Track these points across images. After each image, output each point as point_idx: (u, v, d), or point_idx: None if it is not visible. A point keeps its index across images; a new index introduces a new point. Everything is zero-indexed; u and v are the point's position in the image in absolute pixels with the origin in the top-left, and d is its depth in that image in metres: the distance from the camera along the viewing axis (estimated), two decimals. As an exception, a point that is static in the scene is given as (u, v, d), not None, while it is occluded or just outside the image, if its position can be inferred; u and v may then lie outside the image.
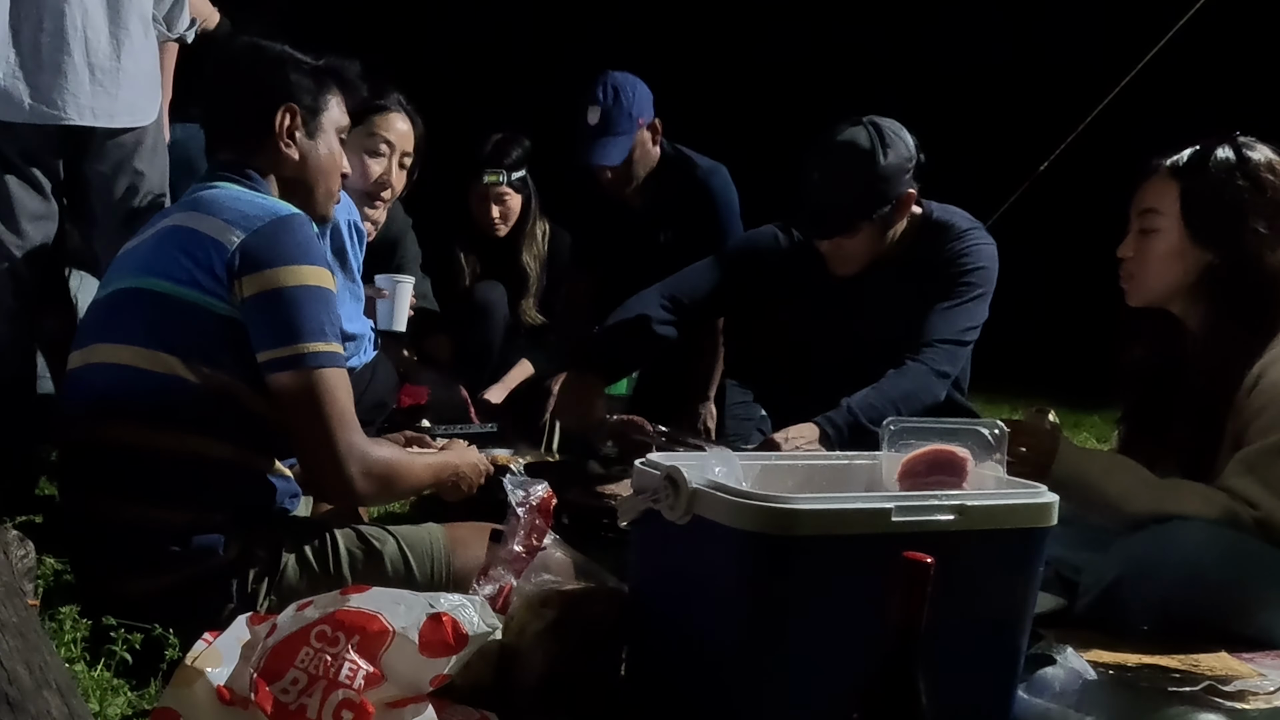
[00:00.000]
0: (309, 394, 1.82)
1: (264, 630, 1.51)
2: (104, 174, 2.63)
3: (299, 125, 2.04)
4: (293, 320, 1.83)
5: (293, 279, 1.83)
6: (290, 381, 1.82)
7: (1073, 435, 3.67)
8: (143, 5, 2.65)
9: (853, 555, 1.49)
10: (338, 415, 1.84)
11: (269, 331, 1.83)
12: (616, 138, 3.46)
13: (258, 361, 1.84)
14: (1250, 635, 1.93)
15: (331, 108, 2.09)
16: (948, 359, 2.75)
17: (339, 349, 1.87)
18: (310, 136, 2.05)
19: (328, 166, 2.09)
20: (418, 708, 1.46)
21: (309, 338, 1.83)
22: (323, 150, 2.07)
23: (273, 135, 2.02)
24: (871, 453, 1.88)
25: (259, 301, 1.82)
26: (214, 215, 1.88)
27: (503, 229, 3.98)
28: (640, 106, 3.49)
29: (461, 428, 3.61)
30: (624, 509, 1.68)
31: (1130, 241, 2.22)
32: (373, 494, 1.93)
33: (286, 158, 2.03)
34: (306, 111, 2.04)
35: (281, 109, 2.02)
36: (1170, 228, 2.15)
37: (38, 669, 1.19)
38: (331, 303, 1.89)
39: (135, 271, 1.91)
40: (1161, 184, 2.18)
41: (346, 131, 2.15)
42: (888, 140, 2.77)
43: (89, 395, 1.90)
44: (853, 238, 2.83)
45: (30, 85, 2.48)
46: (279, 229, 1.86)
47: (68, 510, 1.97)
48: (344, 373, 1.87)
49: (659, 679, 1.67)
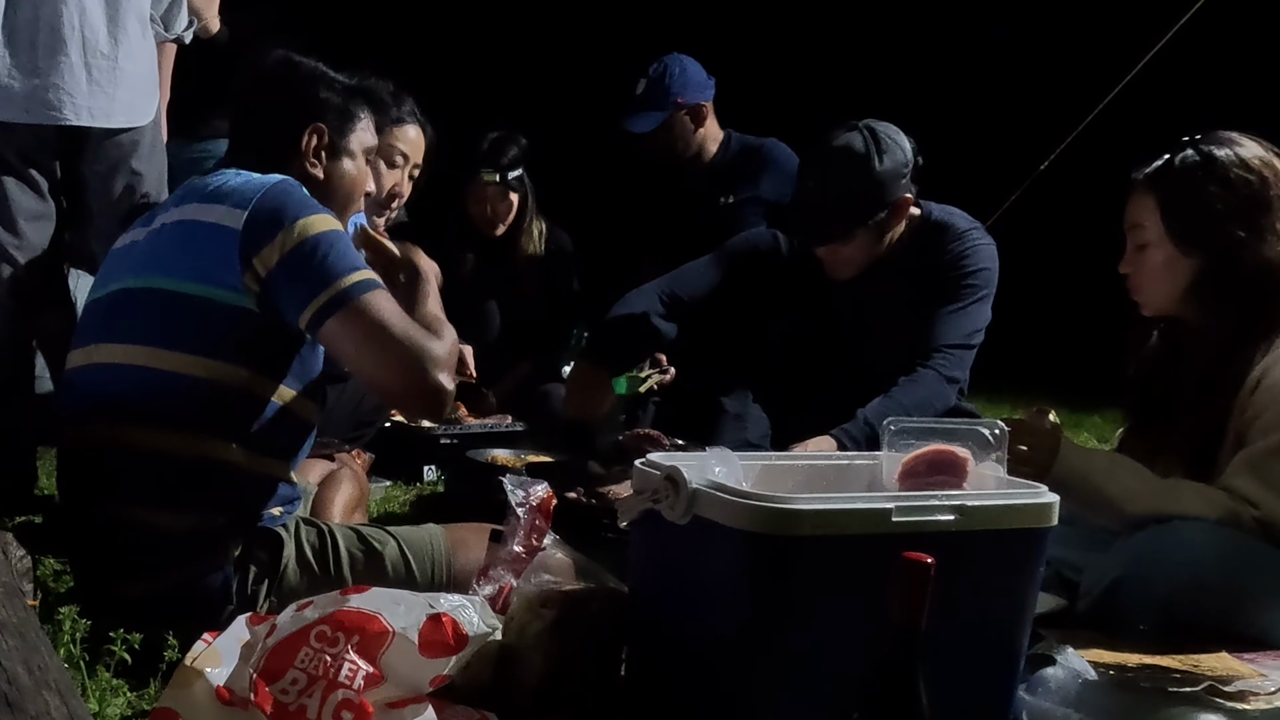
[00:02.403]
0: (365, 323, 1.81)
1: (264, 631, 1.50)
2: (101, 174, 2.63)
3: (325, 145, 2.04)
4: (322, 266, 1.82)
5: (308, 230, 1.83)
6: (341, 322, 1.80)
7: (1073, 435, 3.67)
8: (140, 5, 2.65)
9: (853, 555, 1.49)
10: (402, 331, 1.82)
11: (304, 287, 1.81)
12: (650, 112, 3.71)
13: (302, 327, 1.82)
14: (1251, 635, 1.92)
15: (359, 129, 2.09)
16: (957, 364, 2.76)
17: (370, 273, 1.86)
18: (335, 158, 2.06)
19: (349, 188, 2.09)
20: (417, 708, 1.45)
21: (343, 274, 1.82)
22: (347, 171, 2.08)
23: (299, 154, 2.03)
24: (872, 453, 1.88)
25: (286, 264, 1.81)
26: (217, 203, 1.87)
27: (500, 228, 3.98)
28: (681, 87, 3.71)
29: (491, 426, 3.63)
30: (624, 509, 1.67)
31: (1128, 257, 2.23)
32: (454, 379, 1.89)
33: (310, 176, 2.03)
34: (334, 132, 2.05)
35: (309, 129, 2.03)
36: (1157, 239, 2.16)
37: (37, 669, 1.19)
38: (348, 239, 1.89)
39: (136, 270, 1.91)
40: (1141, 197, 2.19)
41: (374, 152, 2.15)
42: (883, 145, 2.77)
43: (90, 395, 1.90)
44: (848, 243, 2.83)
45: (27, 85, 2.48)
46: (275, 193, 1.86)
47: (68, 511, 1.97)
48: (387, 293, 1.86)
49: (659, 679, 1.67)
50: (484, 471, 3.07)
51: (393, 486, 3.35)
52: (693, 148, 3.81)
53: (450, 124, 3.38)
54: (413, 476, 3.45)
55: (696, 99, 3.76)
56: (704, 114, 3.79)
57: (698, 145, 3.82)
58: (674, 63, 3.76)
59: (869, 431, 2.59)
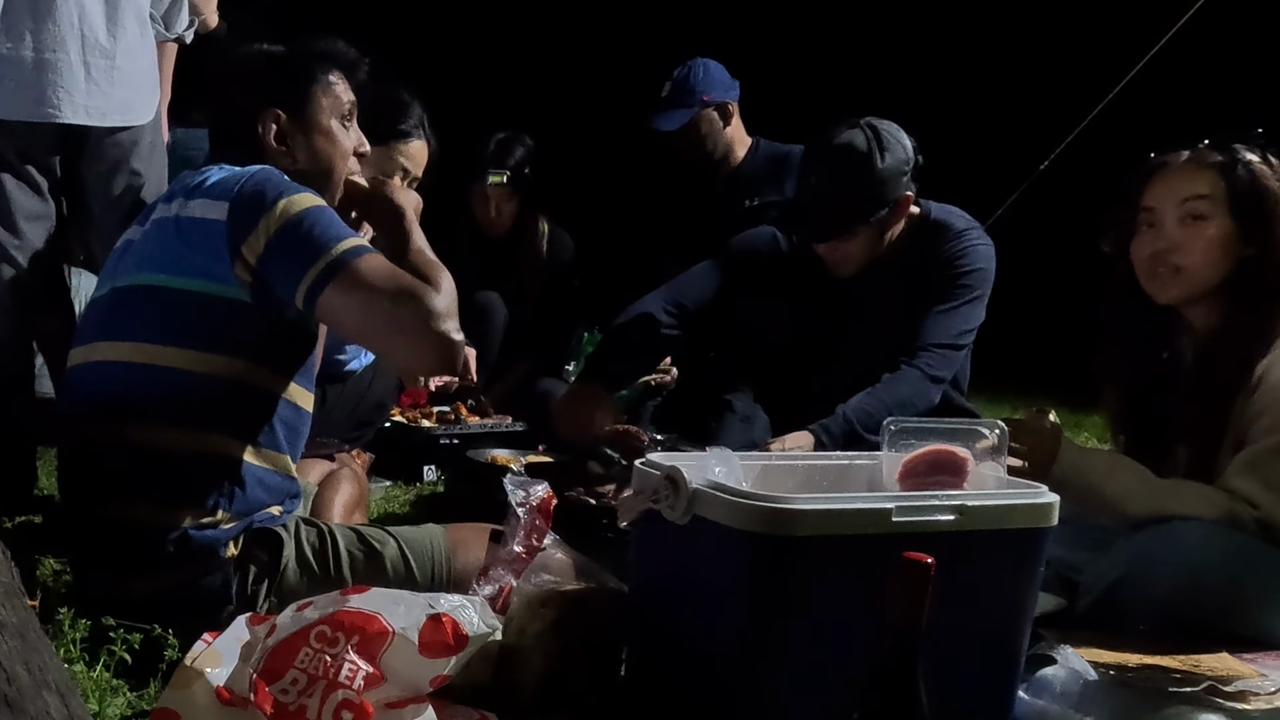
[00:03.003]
0: (362, 290, 1.78)
1: (263, 631, 1.50)
2: (101, 174, 2.63)
3: (286, 128, 2.01)
4: (309, 239, 1.80)
5: (291, 208, 1.82)
6: (337, 292, 1.78)
7: (1073, 435, 3.67)
8: (139, 3, 2.65)
9: (853, 555, 1.49)
10: (397, 290, 1.78)
11: (295, 263, 1.80)
12: (676, 110, 3.75)
13: (299, 304, 1.80)
14: (1251, 635, 1.92)
15: (320, 98, 2.04)
16: (943, 363, 2.75)
17: (359, 239, 1.83)
18: (304, 134, 2.02)
19: (328, 158, 2.05)
20: (417, 708, 1.45)
21: (331, 243, 1.80)
22: (319, 145, 2.04)
23: (267, 141, 2.01)
24: (872, 453, 1.88)
25: (273, 245, 1.80)
26: (201, 197, 1.87)
27: (503, 228, 3.99)
28: (707, 85, 3.76)
29: (491, 426, 3.63)
30: (624, 509, 1.68)
31: (1171, 232, 2.14)
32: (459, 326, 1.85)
33: (283, 160, 2.01)
34: (291, 113, 2.02)
35: (263, 116, 2.00)
36: (1219, 214, 2.11)
37: (37, 670, 1.19)
38: (333, 213, 1.87)
39: (133, 268, 1.91)
40: (1200, 172, 2.13)
41: (353, 109, 2.09)
42: (885, 143, 2.77)
43: (90, 393, 1.90)
44: (849, 241, 2.83)
45: (25, 83, 2.48)
46: (255, 181, 1.85)
47: (68, 510, 1.97)
48: (377, 254, 1.83)
49: (659, 679, 1.67)
50: (484, 471, 3.07)
51: (393, 486, 3.36)
52: (720, 148, 3.83)
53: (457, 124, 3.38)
54: (413, 476, 3.45)
55: (723, 97, 3.79)
56: (730, 113, 3.82)
57: (725, 146, 3.83)
58: (698, 63, 3.80)
59: (848, 428, 2.59)
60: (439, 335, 1.78)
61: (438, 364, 1.85)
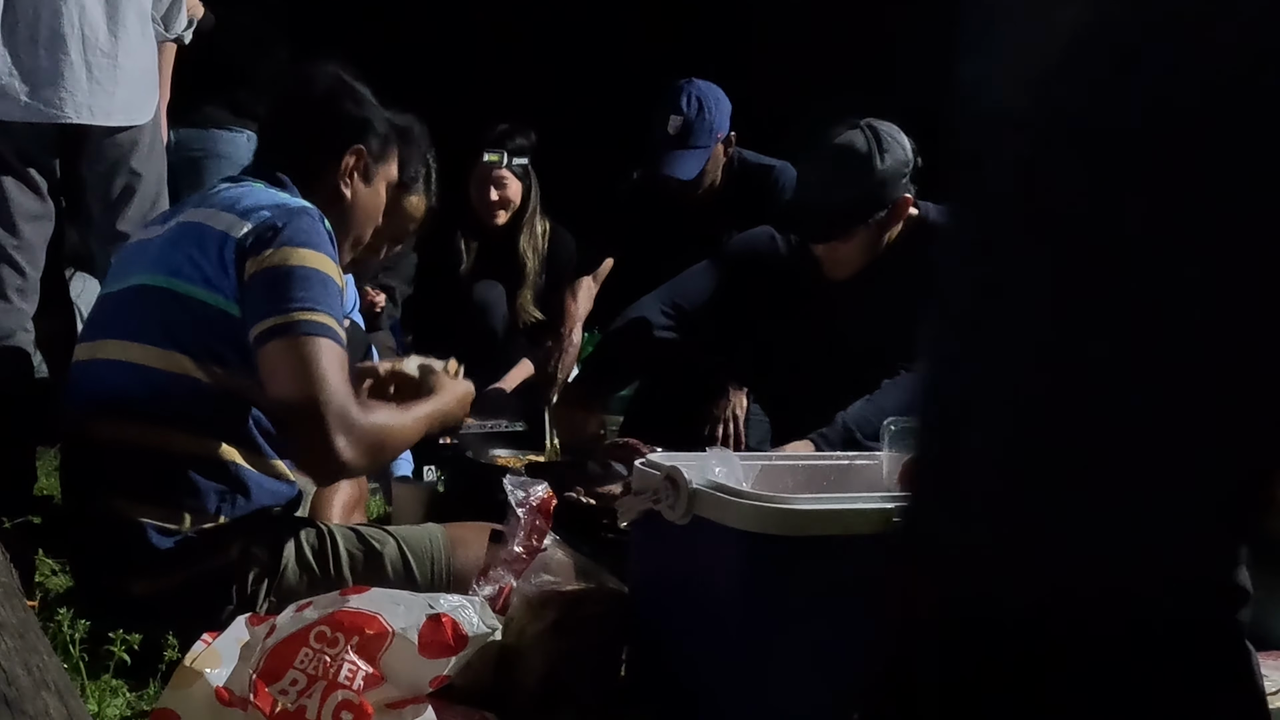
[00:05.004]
0: (297, 359, 1.74)
1: (263, 631, 1.50)
2: (100, 174, 2.63)
3: (360, 169, 2.06)
4: (289, 291, 1.78)
5: (296, 259, 1.81)
6: (279, 349, 1.75)
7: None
8: (140, 3, 2.65)
9: (853, 555, 1.49)
10: (328, 384, 1.73)
11: (263, 303, 1.78)
12: (694, 151, 3.33)
13: (250, 340, 1.78)
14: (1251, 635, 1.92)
15: (391, 161, 2.12)
16: None
17: (337, 326, 1.80)
18: (366, 182, 2.08)
19: (367, 216, 2.11)
20: (417, 709, 1.45)
21: (304, 307, 1.77)
22: (371, 200, 2.10)
23: (335, 172, 2.03)
24: (872, 453, 1.88)
25: (258, 279, 1.79)
26: (229, 211, 1.87)
27: (502, 215, 3.93)
28: (721, 121, 3.38)
29: (491, 426, 3.61)
30: (624, 509, 1.68)
31: None
32: (364, 465, 1.82)
33: (339, 195, 2.04)
34: (372, 158, 2.07)
35: (352, 149, 2.04)
36: None
37: (36, 670, 1.19)
38: (334, 289, 1.84)
39: (148, 268, 1.91)
40: None
41: (393, 188, 2.18)
42: (885, 144, 2.76)
43: (95, 391, 1.90)
44: (848, 242, 2.82)
45: (26, 83, 2.48)
46: (291, 216, 1.85)
47: (68, 509, 1.97)
48: (339, 348, 1.78)
49: (659, 679, 1.67)
50: (484, 471, 3.06)
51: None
52: (709, 177, 3.45)
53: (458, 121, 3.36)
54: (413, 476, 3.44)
55: (729, 127, 3.43)
56: (733, 140, 3.46)
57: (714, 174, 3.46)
58: (706, 94, 3.35)
59: (847, 435, 2.58)
60: (330, 442, 1.72)
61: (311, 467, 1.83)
